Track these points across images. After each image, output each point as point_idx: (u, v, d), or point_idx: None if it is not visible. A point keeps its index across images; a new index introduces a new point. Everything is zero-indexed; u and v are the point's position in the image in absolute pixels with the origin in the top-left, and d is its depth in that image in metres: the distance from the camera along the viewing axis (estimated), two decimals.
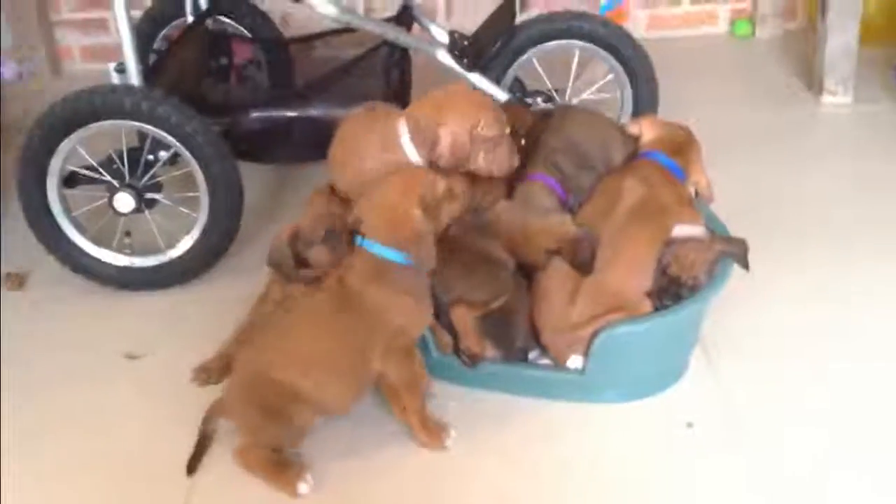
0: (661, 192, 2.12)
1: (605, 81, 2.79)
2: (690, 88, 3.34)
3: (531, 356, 2.13)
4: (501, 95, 2.59)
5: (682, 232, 2.10)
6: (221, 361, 2.16)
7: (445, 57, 2.60)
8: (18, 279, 2.60)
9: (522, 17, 2.76)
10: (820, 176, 2.90)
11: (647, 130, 2.27)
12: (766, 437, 1.97)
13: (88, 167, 2.44)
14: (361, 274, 1.89)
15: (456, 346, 2.08)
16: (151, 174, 2.45)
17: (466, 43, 2.63)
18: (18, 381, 2.23)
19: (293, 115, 2.59)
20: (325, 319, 1.90)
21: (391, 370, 1.91)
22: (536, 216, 2.09)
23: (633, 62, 2.72)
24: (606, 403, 2.06)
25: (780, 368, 2.14)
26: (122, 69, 2.41)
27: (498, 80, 2.68)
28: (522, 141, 2.25)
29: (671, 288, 2.07)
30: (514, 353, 2.10)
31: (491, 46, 2.66)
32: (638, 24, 3.82)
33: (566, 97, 2.77)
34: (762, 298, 2.32)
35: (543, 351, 2.12)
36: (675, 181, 2.18)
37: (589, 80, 2.83)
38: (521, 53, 2.71)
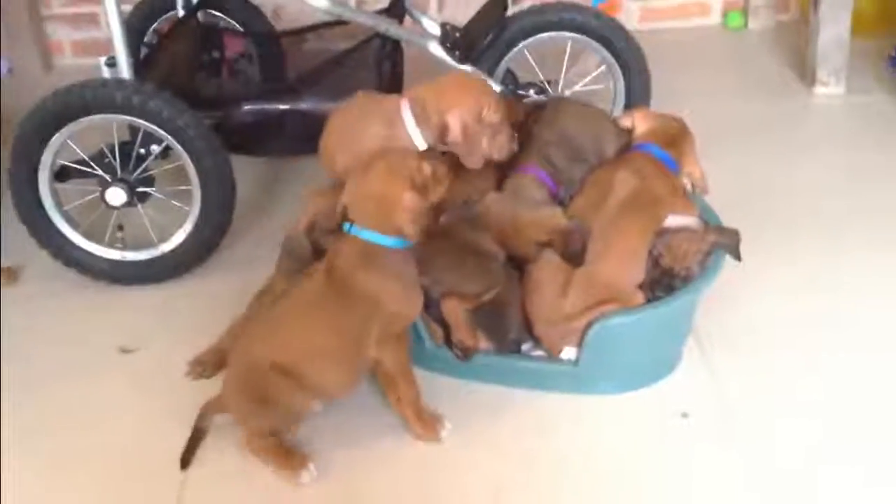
0: (654, 183, 2.12)
1: (597, 73, 2.79)
2: (683, 80, 3.33)
3: (524, 348, 2.14)
4: (494, 87, 2.58)
5: (675, 222, 2.10)
6: (216, 355, 2.16)
7: (437, 49, 2.60)
8: (12, 274, 2.59)
9: (514, 8, 2.75)
10: (812, 167, 2.90)
11: (639, 123, 2.27)
12: (759, 426, 1.98)
13: (80, 161, 2.44)
14: (351, 260, 1.88)
15: (448, 338, 2.08)
16: (143, 168, 2.44)
17: (458, 35, 2.62)
18: (12, 376, 2.22)
19: (285, 108, 2.58)
20: (317, 306, 1.90)
21: (386, 357, 1.91)
22: (526, 208, 2.09)
23: (625, 54, 2.71)
24: (600, 395, 2.07)
25: (773, 359, 2.15)
26: (112, 63, 2.40)
27: (490, 72, 2.67)
28: (515, 133, 2.25)
29: (664, 279, 2.07)
30: (507, 344, 2.10)
31: (483, 38, 2.66)
32: (630, 15, 3.81)
33: (559, 89, 2.77)
34: (755, 289, 2.33)
35: (537, 343, 2.12)
36: (668, 173, 2.18)
37: (581, 71, 2.83)
38: (513, 45, 2.70)
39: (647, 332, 2.06)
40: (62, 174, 2.45)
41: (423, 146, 2.13)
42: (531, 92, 2.75)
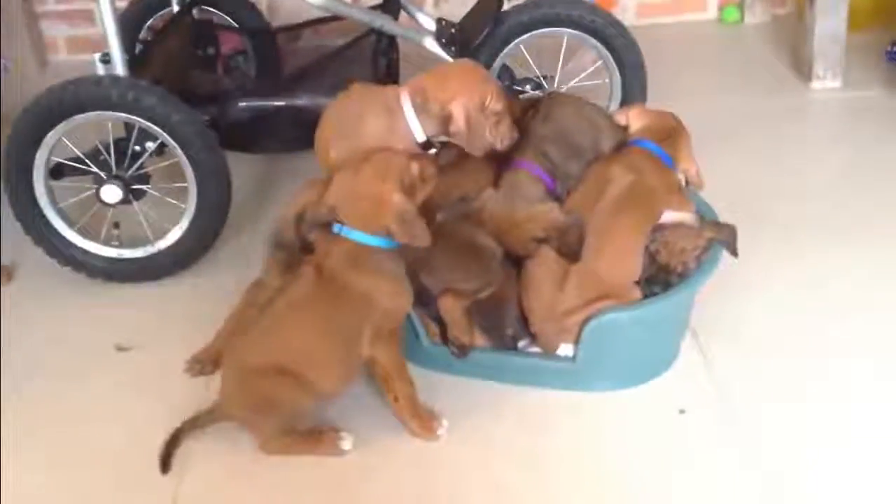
0: (649, 178, 2.11)
1: (593, 69, 2.78)
2: (679, 75, 3.33)
3: (521, 344, 2.13)
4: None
5: (671, 218, 2.09)
6: (214, 352, 2.16)
7: (433, 45, 2.59)
8: (6, 272, 2.58)
9: (510, 4, 2.74)
10: (809, 162, 2.90)
11: (634, 119, 2.26)
12: (756, 422, 1.97)
13: (75, 159, 2.43)
14: (341, 261, 1.89)
15: (444, 335, 2.07)
16: (139, 165, 2.44)
17: (454, 30, 2.62)
18: (7, 374, 2.22)
19: (281, 104, 2.58)
20: (309, 308, 1.89)
21: (380, 354, 1.91)
22: (523, 204, 2.08)
23: (621, 49, 2.70)
24: (597, 391, 2.06)
25: (770, 354, 2.15)
26: (107, 59, 2.39)
27: (486, 67, 2.66)
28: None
29: (660, 275, 2.07)
30: (504, 341, 2.10)
31: (479, 34, 2.65)
32: (626, 10, 3.81)
33: (555, 84, 2.76)
34: (752, 285, 2.32)
35: (533, 339, 2.12)
36: (664, 168, 2.17)
37: (578, 67, 2.82)
38: (509, 41, 2.69)
39: (644, 328, 2.05)
40: (57, 172, 2.44)
41: (422, 137, 2.13)
42: (527, 87, 2.75)
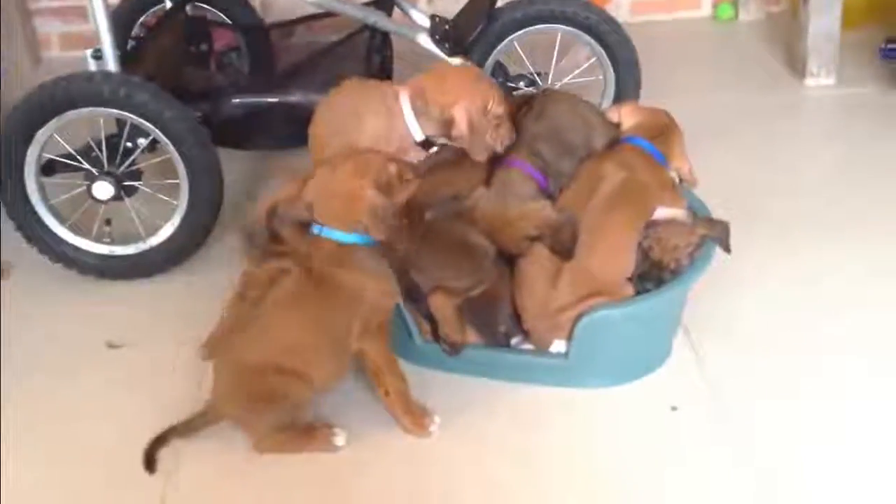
0: (642, 175, 2.11)
1: (587, 65, 2.78)
2: (674, 72, 3.33)
3: (514, 342, 2.13)
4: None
5: (663, 215, 2.09)
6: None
7: (427, 41, 2.59)
8: (6, 268, 2.57)
9: (504, 0, 2.73)
10: (803, 159, 2.90)
11: (627, 117, 2.26)
12: (749, 419, 1.97)
13: (67, 155, 2.42)
14: (327, 261, 1.90)
15: (436, 333, 2.07)
16: (130, 162, 2.43)
17: (448, 27, 2.61)
18: (3, 371, 2.21)
19: (274, 101, 2.58)
20: (299, 307, 1.90)
21: (369, 348, 1.92)
22: (515, 202, 2.08)
23: (615, 46, 2.70)
24: (590, 388, 2.06)
25: (762, 350, 2.15)
26: (99, 56, 2.38)
27: (480, 64, 2.65)
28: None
29: (653, 272, 2.07)
30: (496, 338, 2.09)
31: (472, 30, 2.64)
32: (621, 7, 3.80)
33: (548, 81, 2.76)
34: (744, 282, 2.32)
35: (526, 336, 2.12)
36: (657, 165, 2.17)
37: (572, 64, 2.82)
38: (502, 37, 2.69)
39: (636, 324, 2.05)
40: (49, 168, 2.43)
41: (420, 137, 2.14)
42: (521, 84, 2.74)
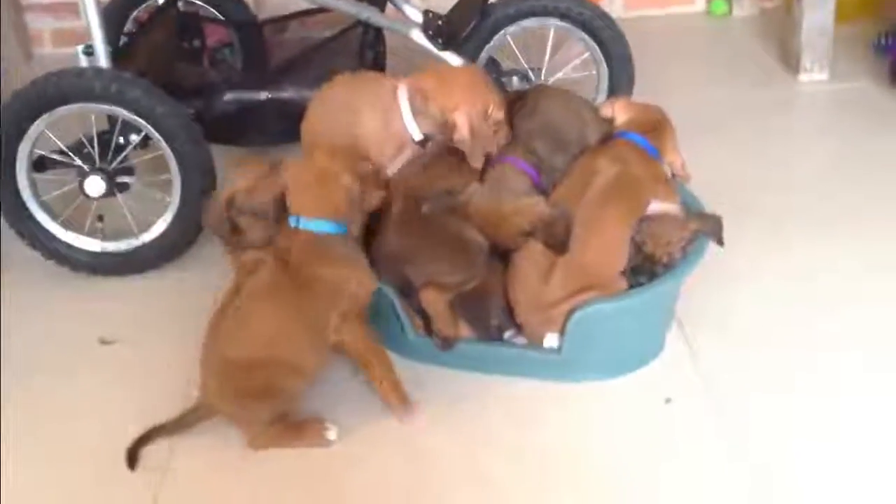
0: (635, 169, 2.11)
1: (580, 61, 2.78)
2: (667, 68, 3.33)
3: (507, 335, 2.13)
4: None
5: (657, 209, 2.09)
6: None
7: (420, 37, 2.58)
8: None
9: None
10: (796, 154, 2.90)
11: (620, 112, 2.26)
12: (742, 411, 1.97)
13: (58, 151, 2.41)
14: (304, 254, 1.91)
15: (429, 328, 2.07)
16: (122, 158, 2.42)
17: (440, 22, 2.60)
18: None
19: (267, 97, 2.57)
20: (273, 299, 1.91)
21: (350, 338, 1.93)
22: (509, 198, 2.07)
23: (608, 41, 2.69)
24: (584, 382, 2.06)
25: (755, 344, 2.15)
26: (89, 51, 2.37)
27: (473, 59, 2.65)
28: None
29: (646, 265, 2.07)
30: (489, 332, 2.09)
31: (465, 26, 2.64)
32: (614, 2, 3.80)
33: (542, 76, 2.75)
34: (738, 276, 2.32)
35: (519, 330, 2.11)
36: (650, 160, 2.17)
37: (565, 59, 2.81)
38: (495, 32, 2.68)
39: (629, 318, 2.05)
40: (40, 165, 2.42)
41: (418, 136, 2.15)
42: (514, 80, 2.74)
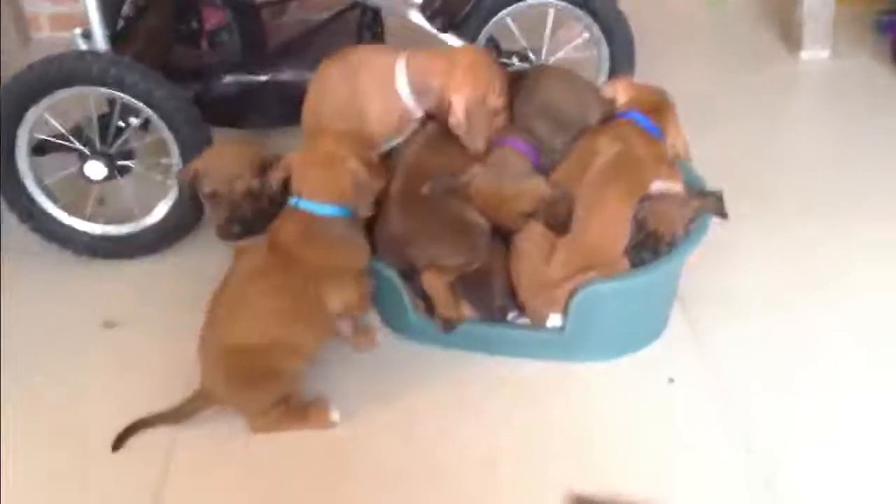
0: (636, 148, 2.10)
1: (580, 41, 2.77)
2: (668, 48, 3.31)
3: (510, 316, 2.13)
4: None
5: (659, 188, 2.09)
6: None
7: (418, 17, 2.57)
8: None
9: None
10: (798, 132, 2.90)
11: (621, 93, 2.25)
12: (744, 390, 1.98)
13: (58, 135, 2.40)
14: (294, 235, 1.92)
15: (430, 308, 2.07)
16: (123, 141, 2.41)
17: (439, 3, 2.59)
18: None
19: (265, 79, 2.57)
20: (263, 279, 1.91)
21: (345, 297, 1.95)
22: (510, 180, 2.07)
23: (609, 21, 2.68)
24: (587, 362, 2.06)
25: (757, 323, 2.15)
26: (87, 35, 2.36)
27: (472, 40, 2.64)
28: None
29: (649, 241, 2.06)
30: (492, 312, 2.09)
31: (464, 6, 2.63)
32: None
33: (541, 57, 2.74)
34: (740, 256, 2.33)
35: (522, 311, 2.11)
36: (652, 139, 2.16)
37: (565, 39, 2.80)
38: (495, 13, 2.67)
39: (632, 298, 2.05)
40: (40, 149, 2.41)
41: (419, 113, 2.15)
42: (514, 60, 2.73)
